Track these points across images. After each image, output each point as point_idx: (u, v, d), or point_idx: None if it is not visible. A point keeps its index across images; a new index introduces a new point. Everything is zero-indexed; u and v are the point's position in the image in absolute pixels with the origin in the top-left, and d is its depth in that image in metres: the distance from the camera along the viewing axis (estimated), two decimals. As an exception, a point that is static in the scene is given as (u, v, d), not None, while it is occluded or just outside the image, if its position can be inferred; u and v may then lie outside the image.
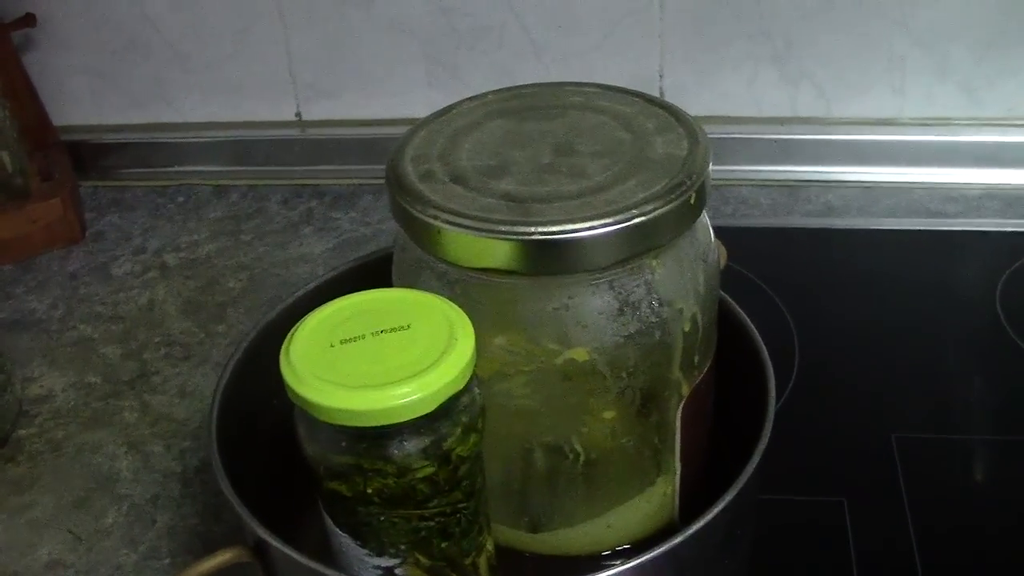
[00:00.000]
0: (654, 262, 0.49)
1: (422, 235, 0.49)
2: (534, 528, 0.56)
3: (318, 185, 1.08)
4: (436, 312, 0.47)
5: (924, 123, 1.02)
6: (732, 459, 0.52)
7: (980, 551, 0.66)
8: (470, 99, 0.57)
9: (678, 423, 0.54)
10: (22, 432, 0.81)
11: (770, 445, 0.53)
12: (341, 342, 0.46)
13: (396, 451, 0.45)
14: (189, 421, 0.80)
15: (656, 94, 0.97)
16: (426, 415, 0.44)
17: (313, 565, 0.47)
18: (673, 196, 0.48)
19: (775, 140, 1.01)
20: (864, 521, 0.67)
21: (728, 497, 0.50)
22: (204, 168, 1.10)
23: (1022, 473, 0.71)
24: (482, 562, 0.51)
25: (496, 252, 0.47)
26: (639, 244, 0.48)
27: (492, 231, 0.47)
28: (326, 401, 0.44)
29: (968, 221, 0.97)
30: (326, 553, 0.51)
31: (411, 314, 0.47)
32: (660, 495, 0.56)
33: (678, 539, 0.48)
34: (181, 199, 1.07)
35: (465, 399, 0.46)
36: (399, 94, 1.03)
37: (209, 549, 0.52)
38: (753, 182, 1.02)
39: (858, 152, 1.02)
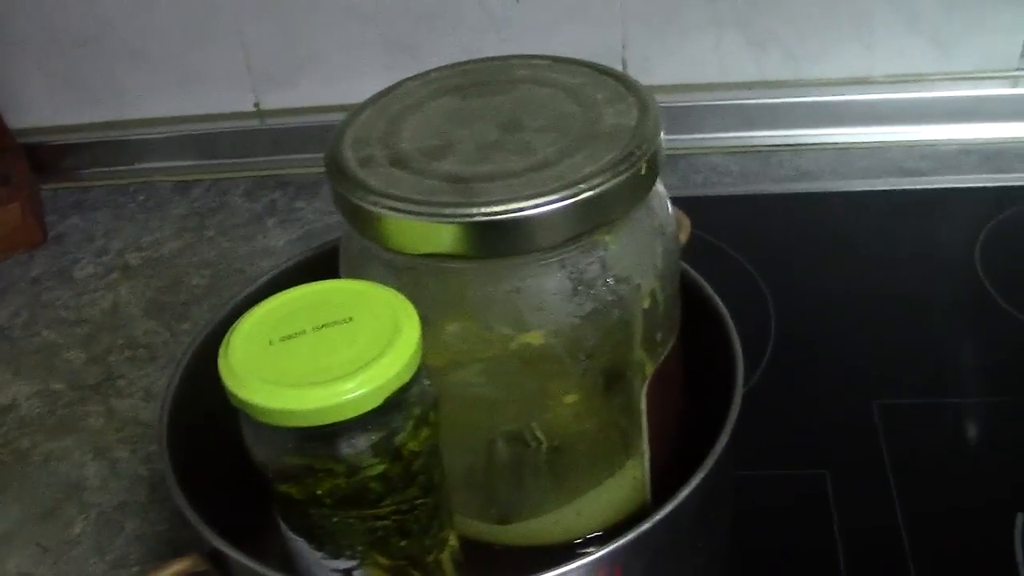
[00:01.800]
0: (607, 238, 0.47)
1: (364, 223, 0.47)
2: (502, 520, 0.55)
3: (281, 175, 1.05)
4: (379, 302, 0.45)
5: (896, 80, 1.00)
6: (706, 438, 0.50)
7: (965, 517, 0.64)
8: (413, 78, 0.55)
9: (643, 403, 0.52)
10: (-14, 443, 0.79)
11: (748, 420, 0.52)
12: (281, 339, 0.44)
13: (345, 450, 0.43)
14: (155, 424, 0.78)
15: (619, 65, 0.96)
16: (374, 410, 0.42)
17: (269, 572, 0.46)
18: (623, 168, 0.46)
19: (743, 105, 1.00)
20: (847, 492, 0.66)
21: (698, 477, 0.48)
22: (165, 164, 1.08)
23: (1006, 435, 0.70)
24: (445, 558, 0.49)
25: (440, 236, 0.45)
26: (590, 220, 0.46)
27: (435, 214, 0.45)
28: (267, 402, 0.42)
29: (945, 178, 0.95)
30: (287, 558, 0.49)
31: (353, 306, 0.45)
32: (630, 479, 0.54)
33: (648, 523, 0.47)
34: (142, 197, 1.05)
35: (414, 391, 0.44)
36: (358, 79, 1.01)
37: (179, 555, 0.51)
38: (723, 149, 1.00)
39: (829, 113, 1.01)
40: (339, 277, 0.52)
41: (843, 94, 1.00)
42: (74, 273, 0.96)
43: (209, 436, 0.56)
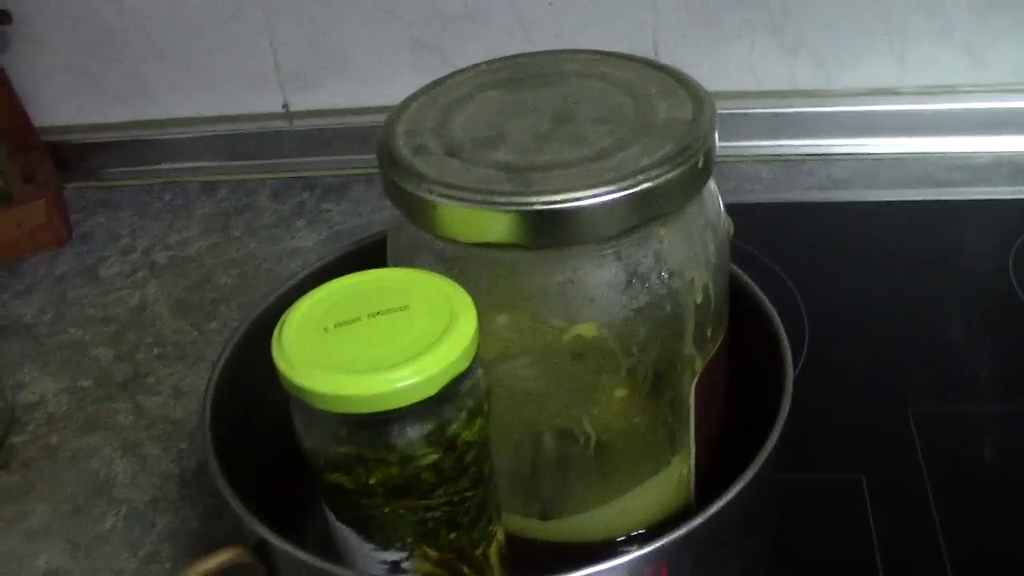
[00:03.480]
0: (662, 231, 0.47)
1: (416, 211, 0.47)
2: (545, 515, 0.54)
3: (308, 177, 1.05)
4: (435, 291, 0.44)
5: (928, 91, 0.99)
6: (748, 439, 0.50)
7: (1002, 522, 0.64)
8: (461, 71, 0.54)
9: (692, 400, 0.51)
10: (15, 439, 0.79)
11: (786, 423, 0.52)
12: (336, 326, 0.44)
13: (398, 438, 0.42)
14: (185, 422, 0.78)
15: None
16: (428, 399, 0.42)
17: (317, 563, 0.45)
18: (680, 160, 0.46)
19: (775, 114, 0.99)
20: (884, 497, 0.66)
21: (747, 477, 0.48)
22: (191, 164, 1.07)
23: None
24: (493, 552, 0.49)
25: (495, 225, 0.44)
26: (646, 212, 0.45)
27: (490, 202, 0.44)
28: (322, 388, 0.41)
29: (977, 190, 0.95)
30: (329, 550, 0.48)
31: (409, 294, 0.45)
32: (675, 477, 0.54)
33: (695, 522, 0.46)
34: (168, 197, 1.05)
35: (468, 382, 0.44)
36: (386, 80, 1.01)
37: (211, 551, 0.50)
38: (753, 157, 1.00)
39: (861, 123, 1.00)
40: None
41: (875, 104, 1.00)
42: (100, 271, 0.96)
43: (244, 433, 0.55)
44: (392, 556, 0.46)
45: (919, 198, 0.94)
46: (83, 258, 0.98)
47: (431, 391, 0.41)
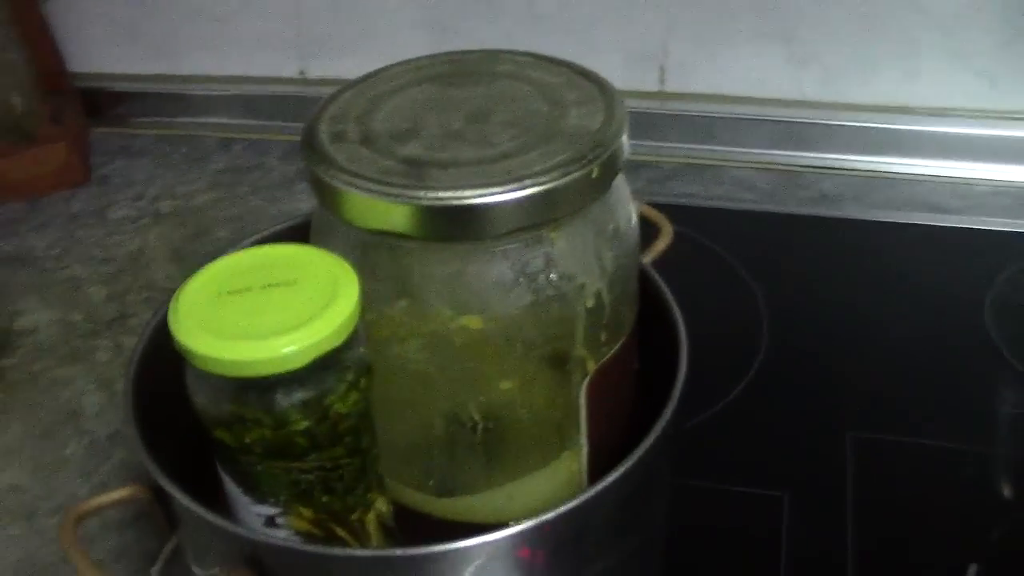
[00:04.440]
0: (553, 234, 0.49)
1: (325, 195, 0.50)
2: (439, 492, 0.57)
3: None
4: (324, 269, 0.48)
5: (937, 112, 0.99)
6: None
7: (918, 560, 0.64)
8: (403, 63, 0.57)
9: (583, 399, 0.54)
10: (4, 362, 0.84)
11: (719, 430, 0.53)
12: (229, 293, 0.47)
13: (274, 403, 0.46)
14: (158, 365, 0.81)
15: (657, 70, 0.98)
16: (304, 368, 0.45)
17: (198, 509, 0.48)
18: (573, 168, 0.48)
19: (776, 122, 1.00)
20: (802, 518, 0.67)
21: (620, 471, 0.50)
22: (211, 120, 1.11)
23: (978, 485, 0.70)
24: (370, 519, 0.52)
25: (389, 215, 0.47)
26: (535, 215, 0.48)
27: (385, 194, 0.47)
28: (204, 351, 0.45)
29: (969, 219, 0.94)
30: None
31: (300, 269, 0.48)
32: (566, 471, 0.56)
33: (563, 508, 0.48)
34: (185, 149, 1.09)
35: (348, 356, 0.47)
36: (399, 57, 1.03)
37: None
38: (750, 164, 1.01)
39: (863, 139, 1.01)
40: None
41: (880, 121, 1.00)
42: (109, 214, 1.00)
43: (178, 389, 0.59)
44: (268, 510, 0.50)
45: (906, 220, 0.94)
46: (97, 200, 1.03)
47: (303, 361, 0.45)
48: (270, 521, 0.50)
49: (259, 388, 0.45)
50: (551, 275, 0.50)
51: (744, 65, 1.00)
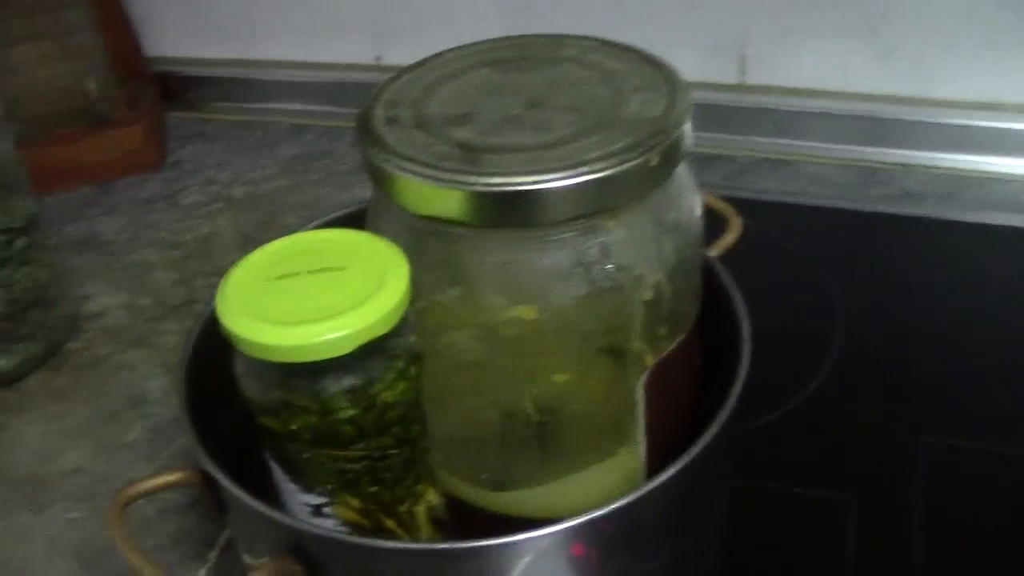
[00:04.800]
0: (611, 223, 0.48)
1: (379, 178, 0.49)
2: (494, 486, 0.56)
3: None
4: (374, 255, 0.47)
5: (1028, 110, 0.95)
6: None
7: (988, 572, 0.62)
8: (462, 47, 0.56)
9: (641, 395, 0.52)
10: (71, 345, 0.85)
11: (788, 430, 0.51)
12: (277, 278, 0.46)
13: (320, 389, 0.45)
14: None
15: (737, 63, 0.95)
16: (351, 355, 0.44)
17: (244, 496, 0.48)
18: (631, 156, 0.46)
19: (859, 117, 0.98)
20: (868, 526, 0.64)
21: (676, 466, 0.48)
22: (284, 106, 1.11)
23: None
24: (420, 511, 0.51)
25: (441, 200, 0.46)
26: (592, 203, 0.46)
27: (437, 178, 0.46)
28: (249, 335, 0.44)
29: (1062, 221, 0.89)
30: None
31: (351, 255, 0.47)
32: (623, 467, 0.55)
33: (616, 503, 0.47)
34: (259, 134, 1.09)
35: (397, 344, 0.46)
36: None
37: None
38: (830, 160, 0.98)
39: (949, 136, 0.97)
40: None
41: (968, 118, 0.96)
42: (181, 199, 1.00)
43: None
44: (315, 499, 0.49)
45: (993, 222, 0.90)
46: (169, 184, 1.03)
47: (349, 347, 0.44)
48: (317, 511, 0.49)
49: (306, 374, 0.45)
50: (607, 265, 0.48)
51: (826, 57, 0.97)
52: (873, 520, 0.64)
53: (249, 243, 0.89)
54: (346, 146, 1.05)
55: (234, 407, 0.50)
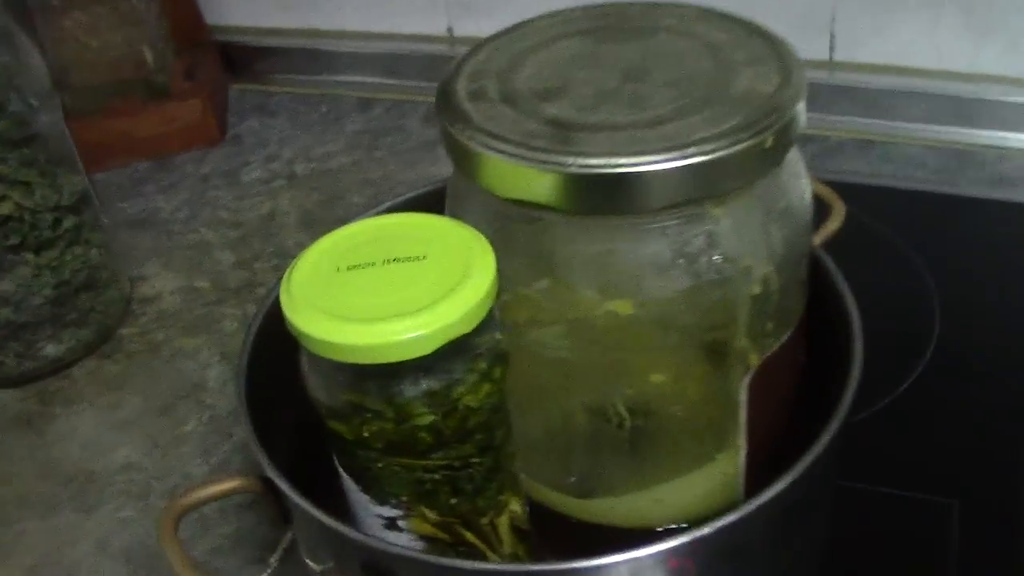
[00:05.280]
0: (718, 211, 0.43)
1: (461, 158, 0.45)
2: (579, 493, 0.51)
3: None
4: (456, 242, 0.42)
5: None
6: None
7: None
8: (550, 14, 0.51)
9: (744, 396, 0.48)
10: (124, 331, 0.81)
11: (883, 429, 0.49)
12: (349, 268, 0.42)
13: (396, 393, 0.41)
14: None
15: (827, 40, 0.90)
16: (431, 356, 0.40)
17: (309, 507, 0.44)
18: (744, 136, 0.42)
19: (952, 97, 0.92)
20: (974, 530, 0.60)
21: (791, 476, 0.44)
22: (351, 78, 1.07)
23: None
24: (503, 522, 0.47)
25: (531, 183, 0.42)
26: (698, 188, 0.42)
27: (528, 159, 0.42)
28: (318, 333, 0.40)
29: None
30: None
31: (430, 243, 0.42)
32: (721, 474, 0.50)
33: (726, 520, 0.42)
34: (324, 109, 1.04)
35: (481, 343, 0.42)
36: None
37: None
38: (922, 141, 0.93)
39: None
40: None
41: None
42: (241, 175, 0.96)
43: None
44: (388, 512, 0.45)
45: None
46: (229, 160, 0.99)
47: (430, 348, 0.39)
48: (391, 524, 0.45)
49: (380, 376, 0.40)
50: (713, 256, 0.44)
51: (918, 34, 0.92)
52: (979, 524, 0.60)
53: (313, 222, 0.86)
54: (414, 122, 1.01)
55: (299, 404, 0.45)
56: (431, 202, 0.52)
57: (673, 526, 0.52)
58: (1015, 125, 0.91)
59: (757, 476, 0.52)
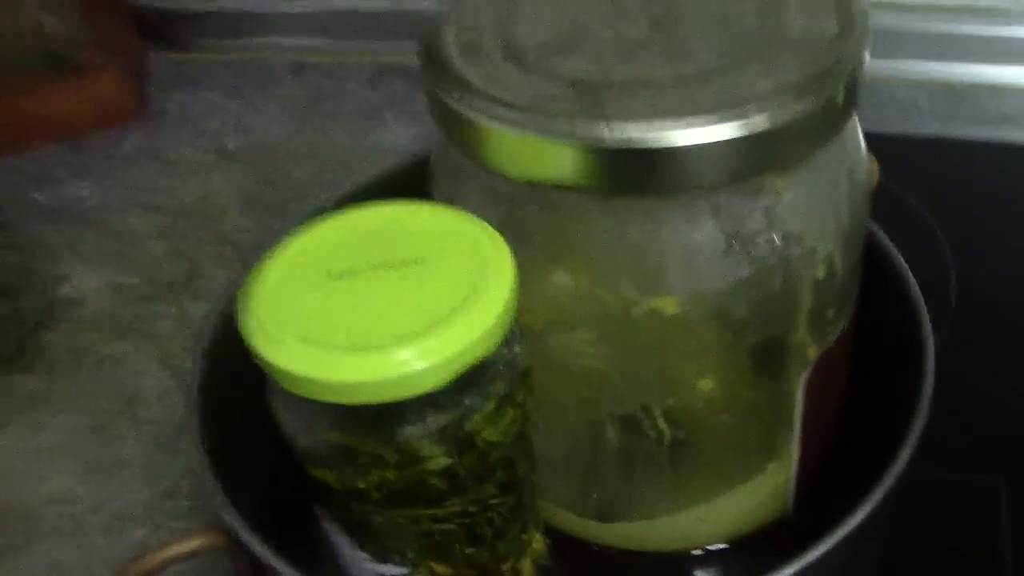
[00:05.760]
0: (779, 182, 0.35)
1: (458, 132, 0.36)
2: (605, 517, 0.44)
3: (407, 65, 0.94)
4: (463, 240, 0.34)
5: None
6: (865, 431, 0.41)
7: None
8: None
9: (800, 397, 0.40)
10: (45, 338, 0.71)
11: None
12: (327, 277, 0.33)
13: (398, 434, 0.32)
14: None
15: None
16: (445, 388, 0.31)
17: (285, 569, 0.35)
18: (811, 90, 0.34)
19: (943, 33, 0.85)
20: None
21: (872, 501, 0.37)
22: (283, 41, 0.97)
23: None
24: (525, 566, 0.39)
25: (554, 159, 0.34)
26: (758, 157, 0.34)
27: (548, 130, 0.33)
28: (297, 368, 0.31)
29: None
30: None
31: (428, 240, 0.34)
32: (771, 486, 0.43)
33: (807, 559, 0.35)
34: (253, 75, 0.95)
35: (500, 362, 0.33)
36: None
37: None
38: (912, 81, 0.85)
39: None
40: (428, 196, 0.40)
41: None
42: (168, 154, 0.87)
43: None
44: (391, 570, 0.37)
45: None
46: (152, 137, 0.89)
47: (443, 379, 0.31)
48: (393, 583, 0.37)
49: (376, 414, 0.32)
50: (774, 238, 0.35)
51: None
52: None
53: (253, 202, 0.79)
54: (356, 85, 0.92)
55: (270, 433, 0.36)
56: (406, 182, 0.44)
57: (712, 547, 0.45)
58: (1013, 59, 0.84)
59: (805, 486, 0.44)
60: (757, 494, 0.43)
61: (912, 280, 0.44)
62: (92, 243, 0.79)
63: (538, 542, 0.40)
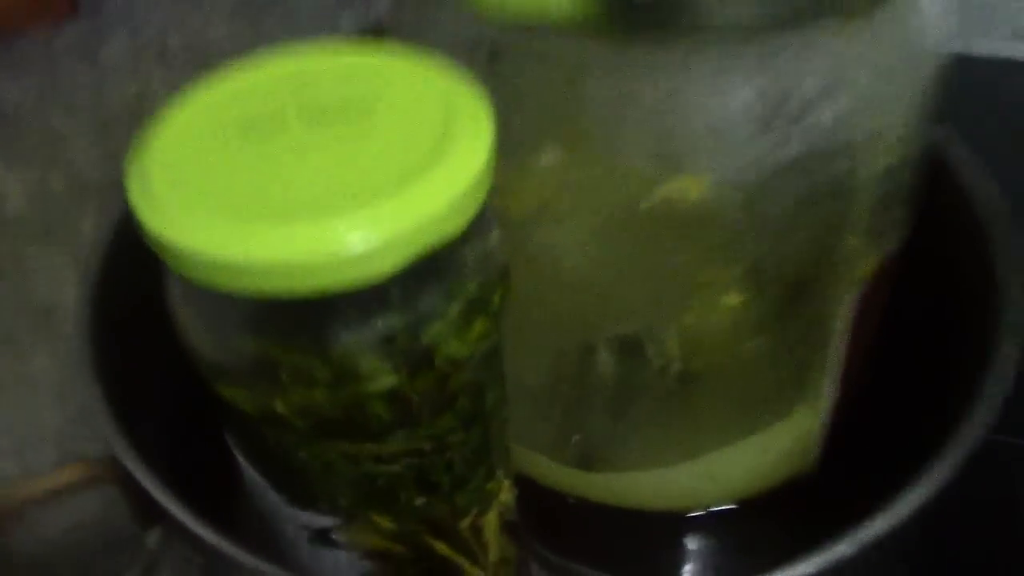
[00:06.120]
0: (839, 39, 0.27)
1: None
2: (584, 463, 0.37)
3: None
4: (425, 88, 0.25)
5: None
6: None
7: None
8: None
9: (846, 323, 0.32)
10: (-41, 245, 0.68)
11: None
12: (243, 134, 0.25)
13: (332, 340, 0.24)
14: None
15: None
16: (396, 278, 0.23)
17: (164, 499, 0.28)
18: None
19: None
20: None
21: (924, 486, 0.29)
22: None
23: None
24: (490, 522, 0.31)
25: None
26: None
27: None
28: (196, 243, 0.23)
29: None
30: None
31: (380, 87, 0.25)
32: (796, 433, 0.36)
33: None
34: (201, -32, 0.88)
35: (470, 252, 0.25)
36: None
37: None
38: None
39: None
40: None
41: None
42: (101, 53, 0.83)
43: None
44: (318, 521, 0.29)
45: None
46: (86, 35, 0.85)
47: (393, 265, 0.23)
48: (322, 537, 0.29)
49: (305, 311, 0.24)
50: (830, 111, 0.27)
51: None
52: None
53: None
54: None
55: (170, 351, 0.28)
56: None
57: (716, 508, 0.37)
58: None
59: (835, 432, 0.37)
60: (780, 442, 0.36)
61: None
62: (16, 145, 0.76)
63: (506, 493, 0.32)
